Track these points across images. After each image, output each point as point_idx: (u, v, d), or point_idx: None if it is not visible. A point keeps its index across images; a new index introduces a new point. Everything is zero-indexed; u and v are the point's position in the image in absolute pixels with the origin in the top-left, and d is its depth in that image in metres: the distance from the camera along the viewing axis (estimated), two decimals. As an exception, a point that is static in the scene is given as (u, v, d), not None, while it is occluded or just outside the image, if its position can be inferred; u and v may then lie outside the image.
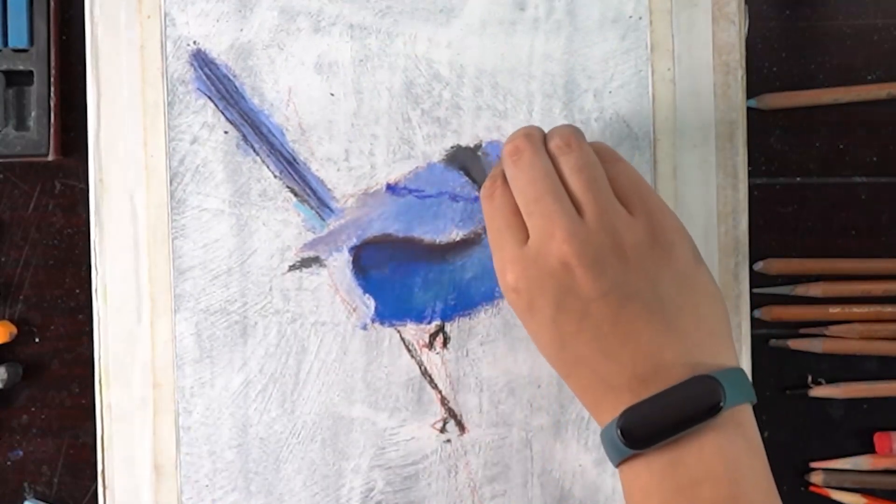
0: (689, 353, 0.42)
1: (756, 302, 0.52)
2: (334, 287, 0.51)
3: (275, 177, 0.51)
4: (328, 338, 0.50)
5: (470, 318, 0.50)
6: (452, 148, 0.51)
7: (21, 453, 0.53)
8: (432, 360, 0.51)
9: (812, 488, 0.53)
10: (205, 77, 0.50)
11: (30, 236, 0.53)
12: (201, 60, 0.51)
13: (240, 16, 0.51)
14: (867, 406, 0.53)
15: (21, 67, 0.52)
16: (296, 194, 0.51)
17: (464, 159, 0.51)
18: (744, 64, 0.51)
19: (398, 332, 0.51)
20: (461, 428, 0.51)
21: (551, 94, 0.51)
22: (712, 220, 0.50)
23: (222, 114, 0.50)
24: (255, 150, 0.51)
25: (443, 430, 0.51)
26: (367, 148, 0.51)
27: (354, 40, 0.51)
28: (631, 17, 0.51)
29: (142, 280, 0.50)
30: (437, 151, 0.51)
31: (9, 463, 0.53)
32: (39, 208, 0.53)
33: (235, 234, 0.50)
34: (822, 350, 0.52)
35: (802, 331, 0.53)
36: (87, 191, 0.51)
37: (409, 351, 0.50)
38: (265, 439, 0.51)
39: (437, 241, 0.51)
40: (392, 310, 0.50)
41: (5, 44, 0.51)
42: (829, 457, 0.53)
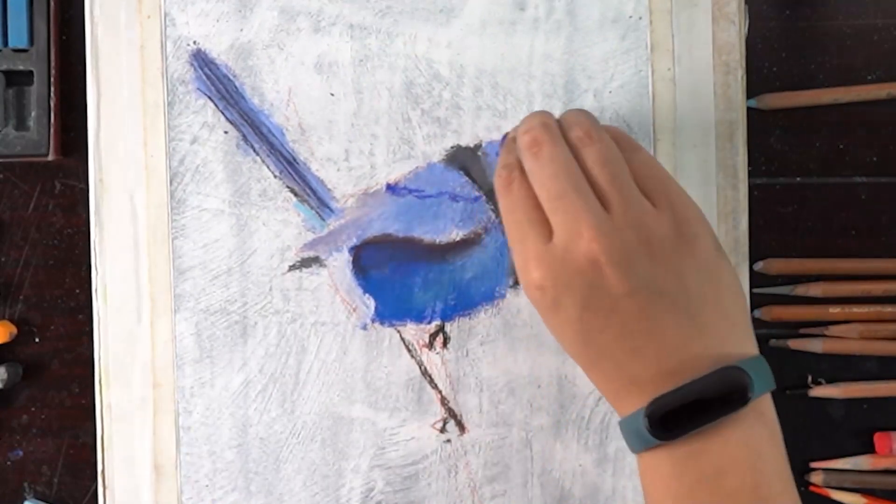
0: (714, 344, 0.42)
1: (756, 302, 0.52)
2: (334, 287, 0.51)
3: (275, 177, 0.51)
4: (328, 338, 0.50)
5: (470, 318, 0.50)
6: (452, 148, 0.51)
7: (21, 453, 0.53)
8: (432, 360, 0.51)
9: (812, 488, 0.53)
10: (205, 77, 0.50)
11: (30, 236, 0.53)
12: (201, 60, 0.51)
13: (240, 16, 0.51)
14: (867, 406, 0.53)
15: (21, 67, 0.52)
16: (296, 194, 0.51)
17: (464, 159, 0.51)
18: (744, 64, 0.51)
19: (398, 332, 0.51)
20: (461, 428, 0.51)
21: (551, 94, 0.51)
22: (712, 220, 0.50)
23: (222, 114, 0.50)
24: (255, 150, 0.51)
25: (443, 430, 0.51)
26: (367, 148, 0.51)
27: (354, 40, 0.51)
28: (631, 17, 0.51)
29: (142, 280, 0.50)
30: (437, 151, 0.51)
31: (9, 463, 0.53)
32: (39, 208, 0.53)
33: (235, 234, 0.50)
34: (822, 350, 0.52)
35: (802, 331, 0.53)
36: (87, 191, 0.51)
37: (409, 351, 0.50)
38: (265, 439, 0.51)
39: (437, 241, 0.50)
40: (392, 310, 0.50)
41: (5, 44, 0.51)
42: (829, 457, 0.53)
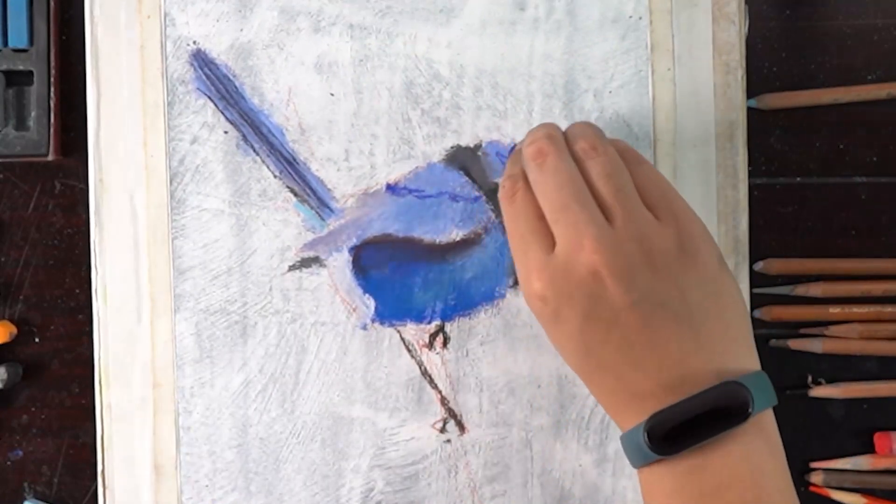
0: (715, 359, 0.41)
1: (756, 302, 0.52)
2: (334, 287, 0.51)
3: (275, 177, 0.51)
4: (328, 338, 0.50)
5: (470, 318, 0.50)
6: (452, 148, 0.51)
7: (21, 453, 0.53)
8: (432, 360, 0.51)
9: (812, 488, 0.53)
10: (205, 77, 0.50)
11: (30, 236, 0.53)
12: (201, 60, 0.51)
13: (240, 16, 0.51)
14: (867, 406, 0.53)
15: (21, 67, 0.52)
16: (296, 194, 0.51)
17: (464, 159, 0.51)
18: (744, 64, 0.51)
19: (398, 332, 0.51)
20: (461, 428, 0.51)
21: (551, 94, 0.51)
22: (712, 220, 0.50)
23: (222, 114, 0.50)
24: (254, 150, 0.51)
25: (443, 430, 0.51)
26: (367, 148, 0.51)
27: (354, 40, 0.51)
28: (631, 17, 0.51)
29: (142, 280, 0.50)
30: (437, 151, 0.51)
31: (9, 463, 0.53)
32: (39, 208, 0.53)
33: (235, 234, 0.50)
34: (822, 350, 0.52)
35: (802, 331, 0.53)
36: (87, 191, 0.51)
37: (409, 351, 0.50)
38: (265, 439, 0.51)
39: (437, 241, 0.50)
40: (392, 310, 0.50)
41: (5, 44, 0.51)
42: (829, 457, 0.53)
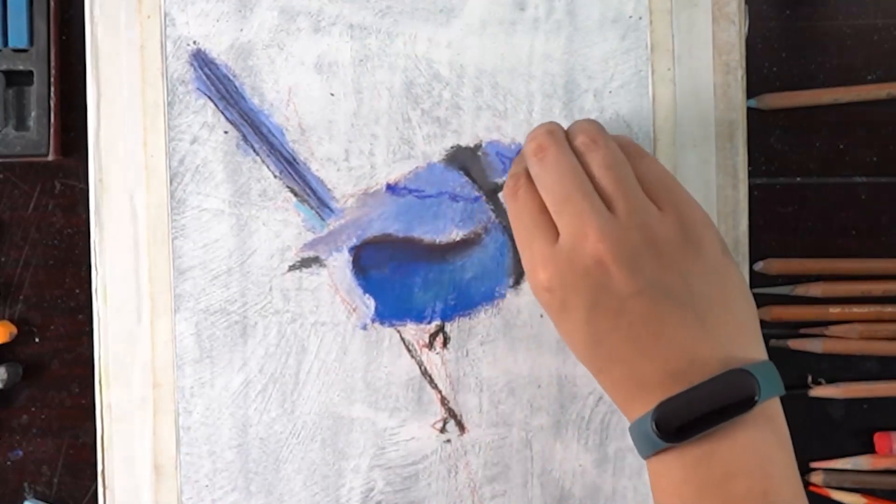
0: (721, 347, 0.42)
1: (756, 302, 0.52)
2: (334, 287, 0.51)
3: (275, 177, 0.51)
4: (328, 338, 0.50)
5: (470, 318, 0.50)
6: (452, 148, 0.51)
7: (21, 453, 0.53)
8: (432, 360, 0.51)
9: (812, 488, 0.53)
10: (205, 77, 0.50)
11: (30, 236, 0.53)
12: (201, 60, 0.51)
13: (240, 16, 0.51)
14: (867, 406, 0.53)
15: (21, 67, 0.52)
16: (296, 194, 0.51)
17: (464, 159, 0.51)
18: (744, 64, 0.51)
19: (398, 332, 0.51)
20: (461, 428, 0.51)
21: (551, 94, 0.51)
22: (712, 219, 0.50)
23: (222, 114, 0.50)
24: (255, 150, 0.51)
25: (443, 430, 0.51)
26: (367, 148, 0.51)
27: (354, 40, 0.51)
28: (631, 17, 0.51)
29: (142, 280, 0.50)
30: (437, 151, 0.51)
31: (9, 463, 0.53)
32: (39, 208, 0.53)
33: (235, 234, 0.50)
34: (822, 350, 0.52)
35: (802, 331, 0.53)
36: (87, 191, 0.51)
37: (409, 351, 0.50)
38: (265, 439, 0.51)
39: (437, 241, 0.50)
40: (392, 310, 0.50)
41: (5, 44, 0.51)
42: (829, 457, 0.53)
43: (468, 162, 0.51)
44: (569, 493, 0.50)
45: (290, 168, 0.50)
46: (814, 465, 0.53)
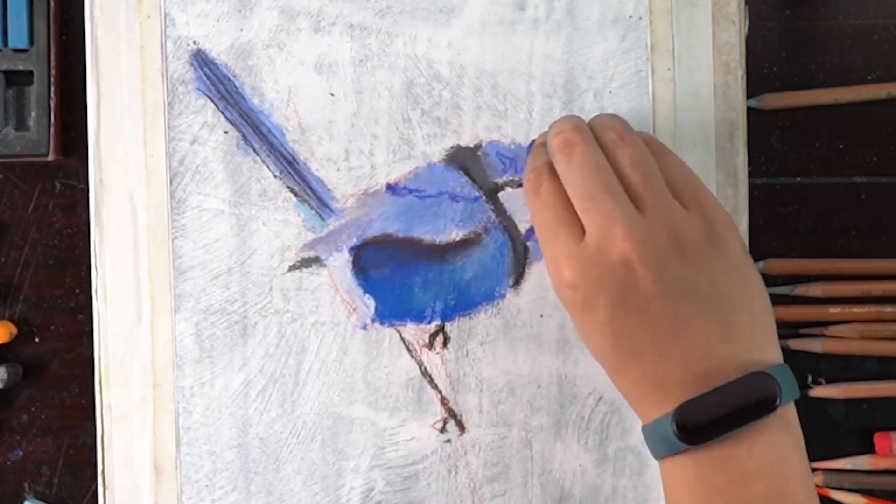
0: (743, 349, 0.42)
1: (757, 302, 0.52)
2: (334, 287, 0.51)
3: (275, 177, 0.51)
4: (328, 338, 0.50)
5: (470, 318, 0.50)
6: (452, 148, 0.51)
7: (21, 453, 0.53)
8: (432, 360, 0.51)
9: (812, 488, 0.53)
10: (205, 77, 0.50)
11: (30, 236, 0.53)
12: (201, 60, 0.51)
13: (240, 16, 0.51)
14: (867, 406, 0.53)
15: (21, 67, 0.52)
16: (296, 194, 0.51)
17: (464, 159, 0.51)
18: (744, 64, 0.51)
19: (398, 332, 0.51)
20: (461, 428, 0.51)
21: (551, 94, 0.51)
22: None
23: (222, 114, 0.50)
24: (255, 150, 0.51)
25: (443, 430, 0.51)
26: (367, 148, 0.51)
27: (354, 40, 0.51)
28: (631, 17, 0.51)
29: (142, 280, 0.50)
30: (437, 151, 0.51)
31: (9, 463, 0.53)
32: (39, 208, 0.53)
33: (235, 234, 0.50)
34: (822, 350, 0.52)
35: (802, 331, 0.53)
36: (87, 191, 0.51)
37: (409, 351, 0.50)
38: (265, 439, 0.51)
39: (437, 241, 0.50)
40: (392, 310, 0.50)
41: (5, 44, 0.51)
42: (829, 457, 0.53)
43: (468, 162, 0.51)
44: (569, 493, 0.50)
45: (290, 168, 0.50)
46: (814, 465, 0.53)
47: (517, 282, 0.50)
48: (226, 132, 0.50)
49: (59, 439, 0.53)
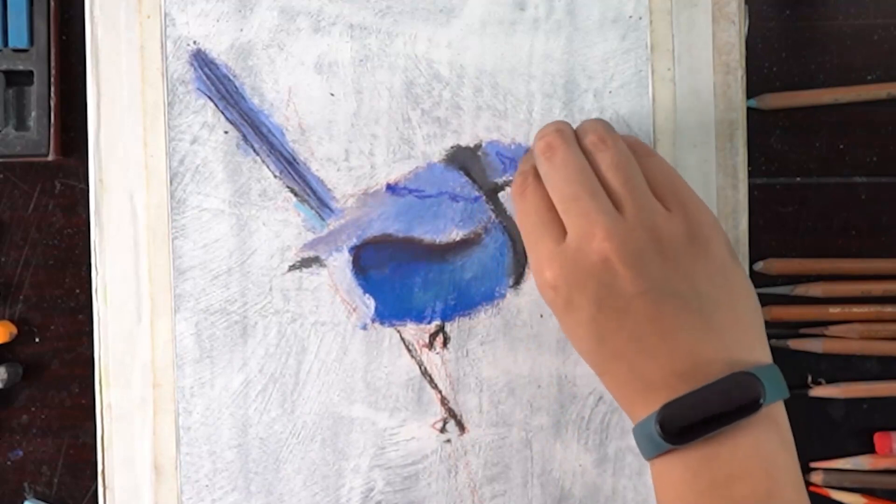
0: (727, 349, 0.42)
1: (756, 302, 0.52)
2: (334, 287, 0.51)
3: (275, 177, 0.51)
4: (328, 338, 0.50)
5: (470, 318, 0.50)
6: (452, 148, 0.51)
7: (21, 453, 0.53)
8: (432, 359, 0.51)
9: (812, 488, 0.53)
10: (205, 77, 0.50)
11: (30, 236, 0.53)
12: (201, 60, 0.51)
13: (240, 16, 0.51)
14: (867, 406, 0.53)
15: (21, 67, 0.52)
16: (296, 194, 0.51)
17: (464, 159, 0.51)
18: (744, 64, 0.51)
19: (398, 332, 0.51)
20: (461, 428, 0.51)
21: (551, 94, 0.51)
22: (715, 220, 0.50)
23: (222, 114, 0.50)
24: (255, 150, 0.51)
25: (443, 430, 0.51)
26: (367, 148, 0.51)
27: (354, 40, 0.51)
28: (631, 17, 0.51)
29: (142, 280, 0.50)
30: (437, 151, 0.51)
31: (9, 463, 0.53)
32: (39, 208, 0.53)
33: (235, 234, 0.50)
34: (822, 350, 0.52)
35: (802, 331, 0.53)
36: (87, 191, 0.51)
37: (409, 351, 0.50)
38: (265, 439, 0.51)
39: (437, 241, 0.50)
40: (392, 310, 0.50)
41: (5, 44, 0.51)
42: (829, 457, 0.53)
43: (468, 162, 0.51)
44: (569, 493, 0.50)
45: (290, 168, 0.50)
46: (814, 465, 0.53)
47: (517, 282, 0.50)
48: (226, 132, 0.51)
49: (59, 439, 0.53)
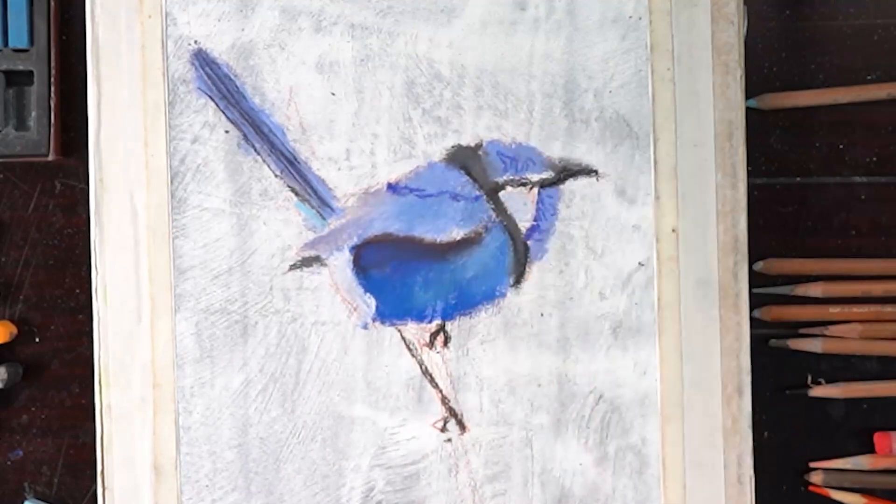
0: None
1: (756, 302, 0.52)
2: (335, 286, 0.51)
3: (275, 176, 0.51)
4: (329, 337, 0.50)
5: (470, 318, 0.50)
6: (453, 147, 0.51)
7: (21, 453, 0.53)
8: (433, 359, 0.51)
9: (812, 488, 0.53)
10: (206, 77, 0.51)
11: (30, 236, 0.53)
12: (202, 60, 0.51)
13: (241, 15, 0.51)
14: (867, 406, 0.53)
15: (21, 67, 0.52)
16: (297, 193, 0.51)
17: (464, 158, 0.51)
18: (742, 64, 0.51)
19: (399, 331, 0.51)
20: (462, 427, 0.51)
21: (551, 94, 0.51)
22: (711, 218, 0.50)
23: (223, 113, 0.51)
24: (255, 150, 0.51)
25: (443, 429, 0.51)
26: (368, 147, 0.51)
27: (355, 40, 0.51)
28: (631, 17, 0.51)
29: (142, 280, 0.50)
30: (438, 151, 0.51)
31: (9, 463, 0.53)
32: (39, 208, 0.53)
33: (236, 234, 0.50)
34: (822, 350, 0.52)
35: (802, 331, 0.53)
36: (87, 191, 0.51)
37: (410, 350, 0.50)
38: (265, 439, 0.51)
39: (438, 240, 0.51)
40: (393, 309, 0.50)
41: (5, 44, 0.51)
42: (829, 457, 0.53)
43: (469, 161, 0.51)
44: (569, 492, 0.50)
45: (291, 167, 0.50)
46: (814, 464, 0.53)
47: (518, 281, 0.50)
48: (227, 132, 0.51)
49: (59, 439, 0.53)
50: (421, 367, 0.50)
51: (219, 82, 0.50)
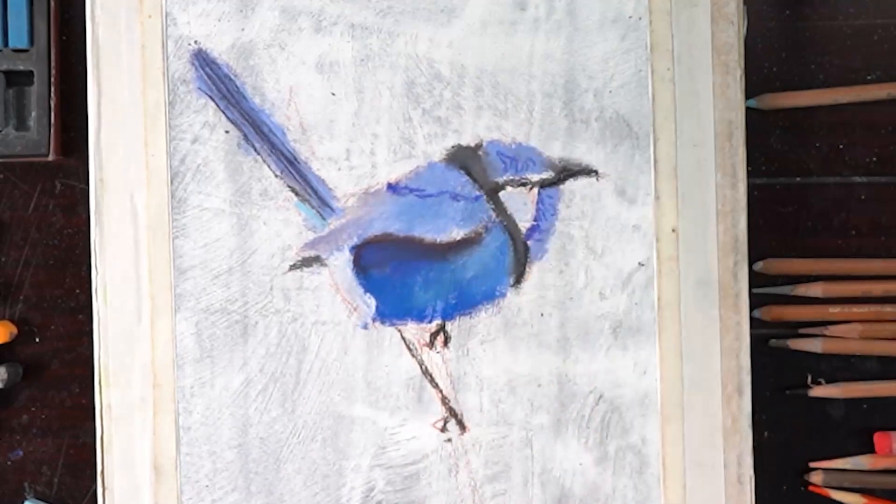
0: None
1: (756, 302, 0.52)
2: (335, 286, 0.51)
3: (276, 176, 0.51)
4: (329, 337, 0.50)
5: (470, 318, 0.50)
6: (453, 147, 0.51)
7: (21, 453, 0.53)
8: (433, 359, 0.51)
9: (812, 488, 0.53)
10: (206, 77, 0.51)
11: (30, 236, 0.53)
12: (202, 60, 0.51)
13: (241, 15, 0.51)
14: (867, 406, 0.53)
15: (21, 67, 0.52)
16: (297, 193, 0.51)
17: (464, 158, 0.51)
18: (742, 64, 0.51)
19: (399, 331, 0.51)
20: (462, 427, 0.51)
21: (551, 94, 0.51)
22: (711, 218, 0.50)
23: (223, 113, 0.51)
24: (255, 150, 0.51)
25: (443, 429, 0.51)
26: (368, 147, 0.51)
27: (356, 40, 0.51)
28: (631, 17, 0.51)
29: (142, 280, 0.50)
30: (438, 151, 0.51)
31: (9, 463, 0.53)
32: (39, 208, 0.53)
33: (236, 234, 0.50)
34: (822, 350, 0.52)
35: (802, 331, 0.53)
36: (87, 191, 0.51)
37: (410, 350, 0.50)
38: (265, 439, 0.51)
39: (438, 240, 0.51)
40: (393, 309, 0.50)
41: (5, 44, 0.51)
42: (829, 457, 0.53)
43: (469, 161, 0.51)
44: (569, 492, 0.50)
45: (291, 167, 0.51)
46: (814, 464, 0.53)
47: (518, 281, 0.50)
48: (227, 132, 0.51)
49: (59, 439, 0.53)
50: (421, 367, 0.50)
51: (219, 82, 0.50)
